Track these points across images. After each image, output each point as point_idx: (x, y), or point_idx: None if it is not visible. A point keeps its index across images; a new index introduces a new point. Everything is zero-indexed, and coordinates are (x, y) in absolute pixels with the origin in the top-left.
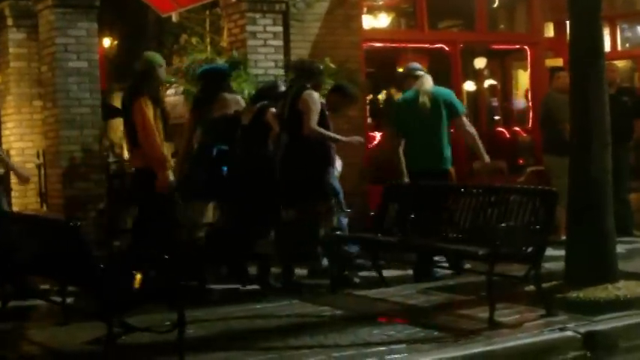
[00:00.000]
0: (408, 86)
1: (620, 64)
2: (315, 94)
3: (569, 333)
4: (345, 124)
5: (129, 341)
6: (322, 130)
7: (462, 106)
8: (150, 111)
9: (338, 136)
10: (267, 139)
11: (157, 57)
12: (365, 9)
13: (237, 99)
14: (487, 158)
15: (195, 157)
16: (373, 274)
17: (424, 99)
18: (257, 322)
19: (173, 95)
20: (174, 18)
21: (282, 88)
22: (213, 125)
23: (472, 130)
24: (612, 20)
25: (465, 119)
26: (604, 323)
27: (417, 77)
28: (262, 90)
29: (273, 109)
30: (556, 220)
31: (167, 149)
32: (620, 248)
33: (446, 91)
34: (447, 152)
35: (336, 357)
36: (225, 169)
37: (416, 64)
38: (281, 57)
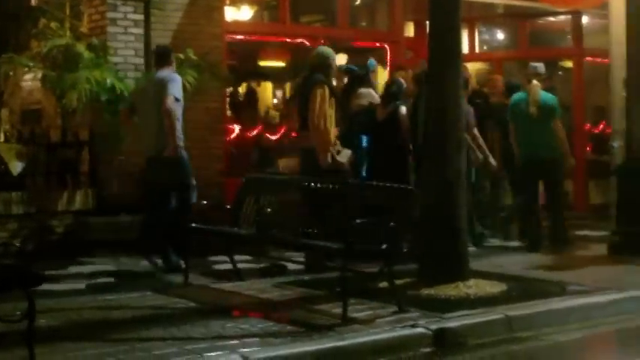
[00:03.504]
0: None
1: (477, 66)
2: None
3: (419, 329)
4: (205, 115)
5: None
6: None
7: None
8: (326, 100)
9: None
10: (399, 134)
11: (330, 51)
12: (228, 0)
13: (371, 93)
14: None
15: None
16: (229, 267)
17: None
18: (110, 313)
19: (31, 80)
20: (34, 1)
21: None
22: (356, 116)
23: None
24: (471, 23)
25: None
26: (454, 321)
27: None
28: (393, 91)
29: (404, 108)
30: None
31: (333, 135)
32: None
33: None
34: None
35: (188, 349)
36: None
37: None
38: (141, 45)
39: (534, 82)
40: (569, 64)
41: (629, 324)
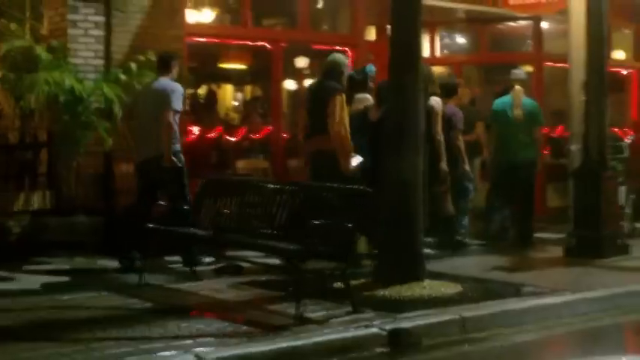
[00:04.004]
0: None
1: (438, 70)
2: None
3: (374, 330)
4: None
5: None
6: None
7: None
8: (344, 107)
9: None
10: None
11: (343, 57)
12: (189, 3)
13: (367, 97)
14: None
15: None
16: (185, 267)
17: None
18: (65, 313)
19: None
20: None
21: None
22: (352, 120)
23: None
24: (432, 27)
25: None
26: (408, 321)
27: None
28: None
29: None
30: None
31: None
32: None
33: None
34: None
35: (143, 349)
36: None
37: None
38: (102, 47)
39: (517, 87)
40: (529, 68)
41: (584, 325)
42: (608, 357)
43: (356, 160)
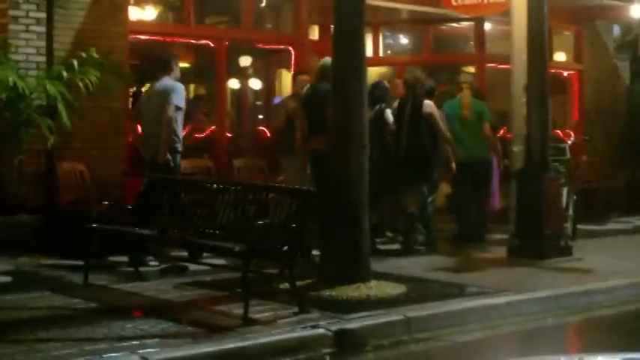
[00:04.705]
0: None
1: (381, 70)
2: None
3: (320, 330)
4: (107, 115)
5: None
6: None
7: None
8: None
9: None
10: (383, 135)
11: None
12: (132, 0)
13: None
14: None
15: None
16: (130, 267)
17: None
18: (8, 314)
19: None
20: None
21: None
22: None
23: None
24: (375, 27)
25: None
26: (355, 322)
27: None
28: (377, 94)
29: (389, 111)
30: None
31: None
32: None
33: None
34: None
35: (87, 350)
36: None
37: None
38: (43, 44)
39: (466, 91)
40: (471, 69)
41: (528, 325)
42: (546, 356)
43: None
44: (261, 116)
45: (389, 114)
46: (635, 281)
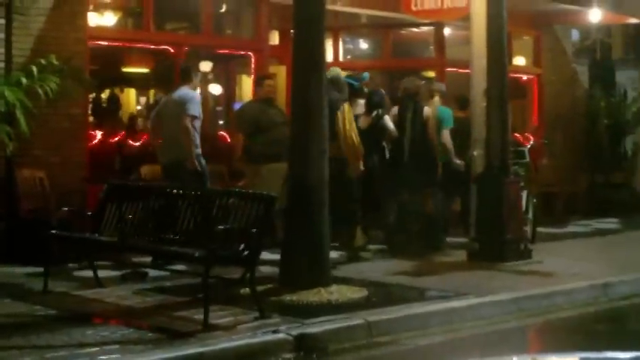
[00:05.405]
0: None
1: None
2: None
3: (281, 335)
4: (67, 121)
5: None
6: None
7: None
8: (351, 114)
9: None
10: (380, 141)
11: (339, 70)
12: (91, 6)
13: (361, 103)
14: None
15: None
16: (90, 274)
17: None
18: None
19: None
20: None
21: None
22: None
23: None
24: (335, 32)
25: None
26: (315, 326)
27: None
28: (376, 101)
29: (388, 117)
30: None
31: None
32: (334, 254)
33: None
34: None
35: (48, 357)
36: None
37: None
38: (2, 50)
39: (436, 98)
40: (431, 74)
41: (488, 328)
42: (499, 357)
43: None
44: (221, 122)
45: (388, 120)
46: (594, 283)
